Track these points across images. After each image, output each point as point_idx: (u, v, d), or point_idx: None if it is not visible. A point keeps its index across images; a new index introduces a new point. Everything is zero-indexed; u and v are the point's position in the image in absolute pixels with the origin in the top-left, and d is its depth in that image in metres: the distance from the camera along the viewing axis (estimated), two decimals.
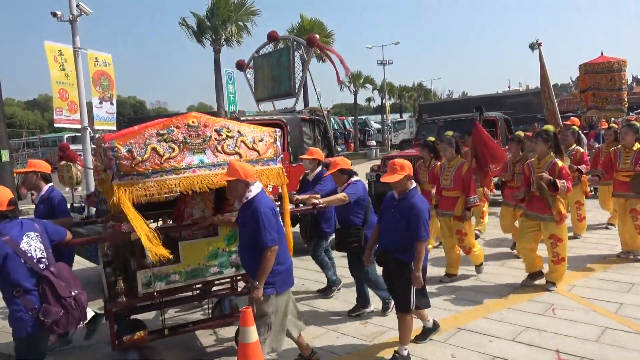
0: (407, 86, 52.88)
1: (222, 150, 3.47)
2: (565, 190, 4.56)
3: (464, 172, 5.25)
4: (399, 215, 3.54)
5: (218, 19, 20.83)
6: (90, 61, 9.32)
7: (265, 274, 3.12)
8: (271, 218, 3.14)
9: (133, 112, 71.11)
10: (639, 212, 5.55)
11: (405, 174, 3.50)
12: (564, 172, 4.66)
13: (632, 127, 5.73)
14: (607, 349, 3.54)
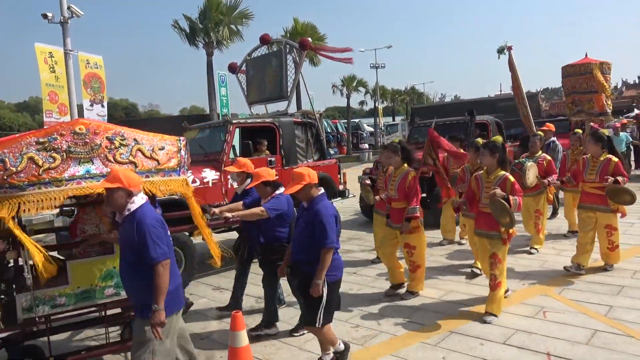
0: (399, 89, 53.09)
1: (113, 159, 3.19)
2: (517, 207, 4.22)
3: (408, 181, 4.94)
4: (304, 225, 3.43)
5: (210, 22, 20.78)
6: (81, 63, 9.27)
7: (162, 293, 2.77)
8: (159, 230, 2.87)
9: (125, 114, 70.72)
10: (614, 228, 5.31)
11: (305, 182, 3.38)
12: (516, 187, 4.30)
13: (595, 136, 5.39)
14: (597, 352, 3.55)
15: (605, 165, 5.22)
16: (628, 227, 7.58)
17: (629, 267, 5.50)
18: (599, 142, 5.30)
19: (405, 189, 4.97)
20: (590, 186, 5.39)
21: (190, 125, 7.52)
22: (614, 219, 5.33)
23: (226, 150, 6.37)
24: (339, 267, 3.49)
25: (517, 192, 4.29)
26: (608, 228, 5.32)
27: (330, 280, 3.37)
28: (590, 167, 5.39)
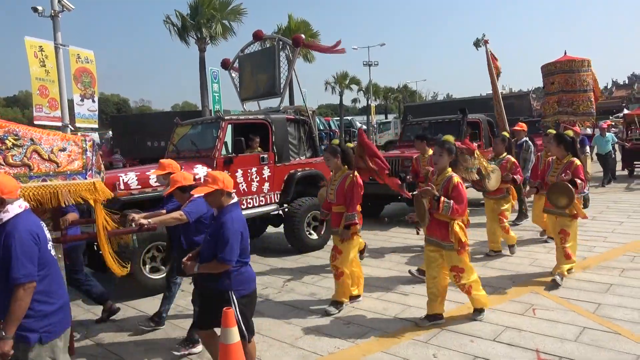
0: (392, 87, 53.33)
1: (4, 161, 2.85)
2: (450, 212, 3.86)
3: (347, 185, 4.66)
4: (209, 237, 3.17)
5: (202, 17, 20.67)
6: (71, 58, 9.16)
7: (16, 320, 2.43)
8: (30, 246, 2.51)
9: (116, 110, 70.18)
10: (568, 233, 5.07)
11: (217, 187, 3.09)
12: (459, 188, 3.95)
13: (559, 137, 5.20)
14: (586, 349, 3.59)
15: (567, 167, 5.06)
16: (617, 225, 7.67)
17: (617, 266, 5.57)
18: (562, 143, 5.16)
19: (344, 192, 4.67)
20: None
21: (182, 121, 7.47)
22: (569, 223, 5.08)
23: (218, 146, 6.34)
24: (247, 280, 3.21)
25: (455, 196, 3.91)
26: (562, 234, 5.08)
27: (238, 296, 3.12)
28: (553, 169, 5.26)
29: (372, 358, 3.67)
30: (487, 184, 5.79)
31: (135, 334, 4.42)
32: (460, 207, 3.93)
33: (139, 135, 21.26)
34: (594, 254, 6.13)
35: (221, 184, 3.11)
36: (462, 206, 3.95)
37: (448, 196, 3.97)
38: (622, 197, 10.56)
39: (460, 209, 3.94)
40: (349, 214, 4.61)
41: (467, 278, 4.17)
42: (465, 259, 4.16)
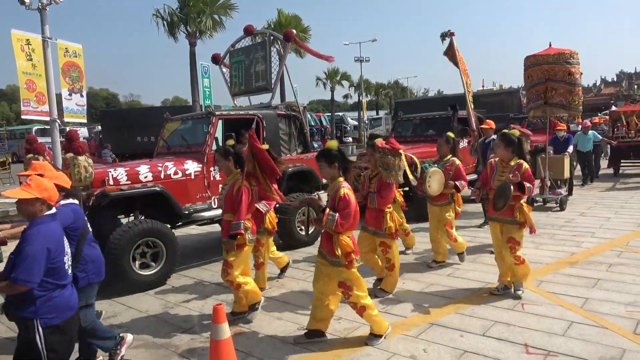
0: (383, 83, 53.37)
1: None
2: (334, 226, 3.56)
3: (235, 190, 4.30)
4: (14, 253, 2.68)
5: (192, 12, 20.51)
6: (59, 51, 9.03)
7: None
8: None
9: (105, 104, 69.51)
10: (517, 242, 4.63)
11: (38, 196, 2.66)
12: (347, 199, 3.61)
13: (506, 139, 4.69)
14: (573, 343, 3.64)
15: (516, 170, 4.57)
16: (604, 221, 7.77)
17: (604, 261, 5.64)
18: (510, 146, 4.65)
19: (232, 199, 4.30)
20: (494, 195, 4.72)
21: (173, 117, 7.42)
22: (517, 232, 4.63)
23: (209, 142, 6.31)
24: (60, 307, 2.73)
25: (342, 209, 3.60)
26: (511, 242, 4.61)
27: (44, 324, 2.65)
28: (498, 172, 4.74)
29: (362, 353, 3.68)
30: (427, 189, 5.40)
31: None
32: (346, 222, 3.58)
33: (129, 131, 21.11)
34: (582, 249, 6.20)
35: (45, 195, 2.70)
36: (349, 220, 3.60)
37: (335, 208, 3.64)
38: (610, 193, 10.69)
39: (347, 224, 3.60)
40: (234, 223, 4.16)
41: (357, 297, 3.76)
42: (355, 276, 3.75)
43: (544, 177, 9.04)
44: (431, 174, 5.43)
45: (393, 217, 4.80)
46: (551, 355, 3.47)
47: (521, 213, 4.58)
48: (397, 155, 4.61)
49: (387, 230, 4.74)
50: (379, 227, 4.80)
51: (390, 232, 4.75)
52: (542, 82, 8.43)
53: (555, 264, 5.65)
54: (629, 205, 9.10)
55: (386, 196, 4.72)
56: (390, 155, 4.59)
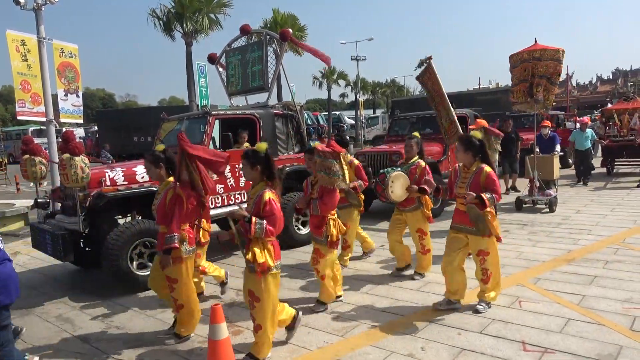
0: (380, 82, 53.49)
1: None
2: (264, 234, 3.37)
3: (167, 200, 3.91)
4: None
5: (188, 11, 20.47)
6: (55, 52, 9.02)
7: None
8: None
9: (102, 105, 69.38)
10: (486, 253, 4.27)
11: None
12: (273, 205, 3.40)
13: (465, 141, 4.30)
14: (570, 340, 3.65)
15: (477, 176, 4.19)
16: (601, 218, 7.80)
17: (601, 258, 5.66)
18: (470, 149, 4.24)
19: (165, 209, 3.91)
20: (460, 202, 4.37)
21: (169, 116, 7.41)
22: (487, 244, 4.25)
23: (206, 142, 6.30)
24: None
25: (268, 215, 3.39)
26: (481, 255, 4.29)
27: None
28: (461, 178, 4.36)
29: (360, 352, 3.69)
30: (389, 195, 5.01)
31: (123, 330, 4.39)
32: (275, 228, 3.40)
33: (125, 131, 21.08)
34: (579, 246, 6.23)
35: None
36: (278, 226, 3.42)
37: (260, 215, 3.42)
38: (606, 191, 10.73)
39: (275, 230, 3.42)
40: (168, 236, 3.78)
41: (261, 314, 3.50)
42: (268, 288, 3.48)
43: (532, 178, 8.82)
44: (393, 178, 5.02)
45: (337, 224, 4.50)
46: (548, 353, 3.48)
47: (484, 224, 4.14)
48: (337, 159, 4.31)
49: (328, 239, 4.42)
50: (319, 234, 4.49)
51: (332, 240, 4.43)
52: (526, 80, 8.24)
53: (552, 261, 5.67)
54: (625, 202, 9.13)
55: (328, 202, 4.39)
56: (331, 159, 4.28)
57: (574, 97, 56.96)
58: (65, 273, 6.54)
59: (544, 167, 8.96)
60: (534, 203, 8.95)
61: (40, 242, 5.78)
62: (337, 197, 4.47)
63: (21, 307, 5.18)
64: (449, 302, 4.41)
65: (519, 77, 8.34)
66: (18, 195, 14.12)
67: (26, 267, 6.93)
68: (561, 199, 9.72)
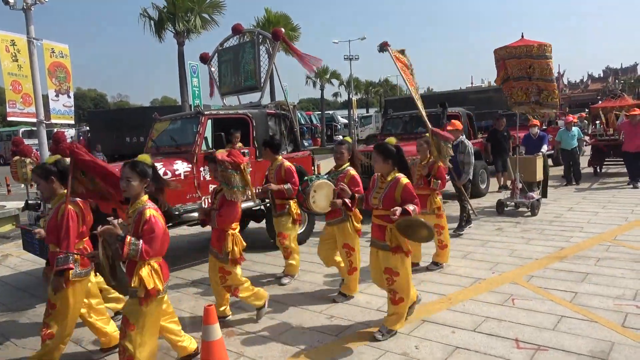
0: (373, 81, 53.53)
1: None
2: (139, 256, 3.00)
3: (59, 215, 3.47)
4: None
5: (180, 10, 20.37)
6: (45, 52, 8.95)
7: None
8: None
9: (93, 105, 68.96)
10: (395, 273, 3.82)
11: None
12: (153, 222, 3.03)
13: (382, 149, 3.93)
14: (563, 337, 3.67)
15: (392, 187, 3.83)
16: (592, 216, 7.85)
17: (592, 255, 5.70)
18: (390, 157, 3.89)
19: (56, 226, 3.46)
20: (375, 214, 4.01)
21: (161, 117, 7.37)
22: (396, 263, 3.83)
23: (198, 142, 6.27)
24: None
25: (147, 234, 3.03)
26: (388, 273, 3.86)
27: None
28: (376, 189, 3.99)
29: (355, 351, 3.69)
30: (311, 205, 4.62)
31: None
32: (152, 249, 3.01)
33: (118, 131, 20.95)
34: (571, 244, 6.27)
35: None
36: (156, 246, 3.04)
37: (138, 234, 3.05)
38: (598, 188, 10.81)
39: (153, 250, 3.03)
40: (60, 257, 3.34)
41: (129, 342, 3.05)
42: (148, 313, 3.10)
43: (514, 180, 8.51)
44: (316, 188, 4.58)
45: (236, 239, 4.15)
46: (541, 350, 3.50)
47: (394, 236, 3.80)
48: (237, 170, 4.04)
49: (229, 255, 4.09)
50: (219, 250, 4.17)
51: (234, 257, 4.10)
52: (524, 78, 7.95)
53: (545, 259, 5.70)
54: (616, 199, 9.21)
55: (226, 215, 4.08)
56: (231, 169, 4.02)
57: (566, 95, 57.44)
58: None
59: (527, 169, 8.56)
60: (517, 206, 8.51)
61: (31, 244, 5.73)
62: (237, 210, 4.15)
63: (12, 309, 5.14)
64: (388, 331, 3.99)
65: (510, 72, 8.05)
66: (9, 197, 14.00)
67: (17, 269, 6.87)
68: (553, 196, 9.78)
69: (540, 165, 8.66)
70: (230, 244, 4.09)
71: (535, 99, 7.98)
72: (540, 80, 7.83)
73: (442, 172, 5.56)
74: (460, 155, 7.05)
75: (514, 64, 7.97)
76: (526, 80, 7.94)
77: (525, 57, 7.74)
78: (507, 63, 8.06)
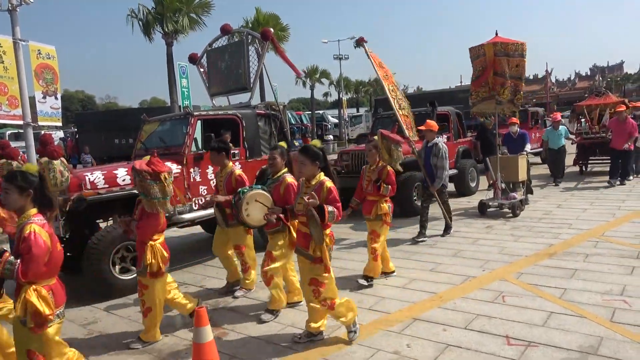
0: (363, 81, 53.47)
1: None
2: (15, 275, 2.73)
3: None
4: None
5: (169, 11, 20.23)
6: (32, 54, 8.84)
7: None
8: None
9: (81, 107, 68.33)
10: (322, 285, 3.68)
11: None
12: (32, 239, 2.73)
13: (308, 152, 3.72)
14: (553, 333, 3.71)
15: (317, 191, 3.64)
16: (581, 212, 7.94)
17: (581, 251, 5.76)
18: (317, 159, 3.72)
19: None
20: (300, 221, 3.83)
21: (150, 118, 7.32)
22: (319, 272, 3.67)
23: (188, 143, 6.24)
24: None
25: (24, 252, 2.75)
26: (314, 284, 3.69)
27: None
28: (301, 194, 3.77)
29: (347, 351, 3.69)
30: (245, 218, 4.37)
31: (105, 335, 4.33)
32: (30, 270, 2.72)
33: (107, 133, 20.75)
34: (560, 240, 6.33)
35: None
36: (36, 266, 2.74)
37: (17, 251, 2.81)
38: (586, 185, 10.92)
39: (32, 272, 2.73)
40: None
41: None
42: (48, 342, 2.90)
43: (495, 180, 8.38)
44: (249, 199, 4.30)
45: (155, 251, 3.89)
46: (532, 346, 3.53)
47: (318, 247, 3.60)
48: (157, 180, 3.81)
49: (147, 269, 3.88)
50: (139, 265, 3.98)
51: (152, 270, 3.88)
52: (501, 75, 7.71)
53: (535, 255, 5.75)
54: (604, 196, 9.31)
55: (144, 227, 3.89)
56: (150, 179, 3.78)
57: (554, 93, 57.99)
58: None
59: (508, 169, 8.33)
60: (501, 207, 8.25)
61: None
62: (157, 221, 3.94)
63: None
64: (309, 334, 3.91)
65: (478, 72, 7.89)
66: None
67: None
68: (541, 194, 9.88)
69: (524, 165, 8.42)
70: (149, 256, 3.85)
71: (510, 98, 7.77)
72: (515, 78, 7.69)
73: (392, 177, 5.16)
74: (433, 159, 6.72)
75: (486, 61, 7.74)
76: (502, 78, 7.71)
77: (502, 55, 7.60)
78: (479, 62, 7.86)
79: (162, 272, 3.97)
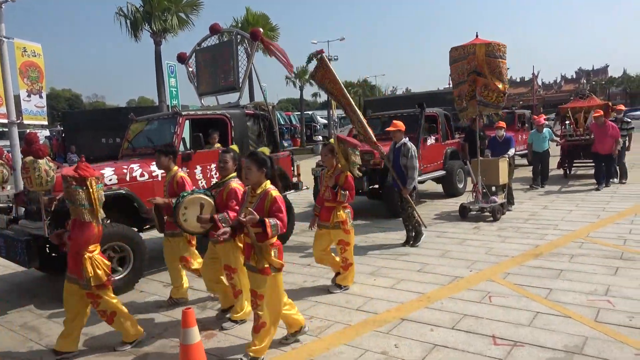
0: (352, 82, 53.53)
1: None
2: None
3: None
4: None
5: (157, 9, 20.08)
6: (17, 51, 8.70)
7: None
8: None
9: (68, 105, 67.48)
10: (261, 297, 3.55)
11: None
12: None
13: (256, 159, 3.57)
14: (539, 332, 3.75)
15: (262, 200, 3.51)
16: (566, 213, 8.04)
17: (566, 252, 5.83)
18: (265, 166, 3.58)
19: None
20: (245, 232, 3.55)
21: (138, 117, 7.25)
22: (260, 283, 3.54)
23: (176, 143, 6.20)
24: None
25: None
26: (254, 296, 3.60)
27: None
28: (246, 203, 3.65)
29: (335, 351, 3.69)
30: (181, 223, 4.19)
31: (90, 338, 4.28)
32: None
33: (94, 132, 20.52)
34: (546, 241, 6.40)
35: None
36: None
37: None
38: (571, 187, 11.06)
39: None
40: None
41: None
42: None
43: (475, 184, 8.25)
44: (187, 204, 4.12)
45: (94, 262, 3.69)
46: (518, 346, 3.56)
47: (262, 256, 3.48)
48: (83, 185, 3.60)
49: (91, 282, 3.67)
50: (80, 277, 3.72)
51: (99, 282, 3.70)
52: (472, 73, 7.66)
53: (521, 256, 5.81)
54: (589, 197, 9.44)
55: (76, 237, 3.67)
56: (75, 185, 3.58)
57: (540, 96, 58.68)
58: (30, 280, 6.33)
59: (489, 172, 8.21)
60: (482, 210, 8.17)
61: (3, 249, 5.57)
62: (90, 230, 3.70)
63: None
64: (288, 337, 3.92)
65: (461, 77, 7.80)
66: None
67: None
68: (528, 195, 9.98)
69: (505, 168, 8.30)
70: (90, 269, 3.65)
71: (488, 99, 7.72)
72: (496, 79, 7.58)
73: (351, 183, 4.95)
74: (403, 159, 6.51)
75: (467, 63, 7.70)
76: (486, 79, 7.64)
77: (492, 57, 7.55)
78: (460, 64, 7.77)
79: (109, 285, 3.82)
